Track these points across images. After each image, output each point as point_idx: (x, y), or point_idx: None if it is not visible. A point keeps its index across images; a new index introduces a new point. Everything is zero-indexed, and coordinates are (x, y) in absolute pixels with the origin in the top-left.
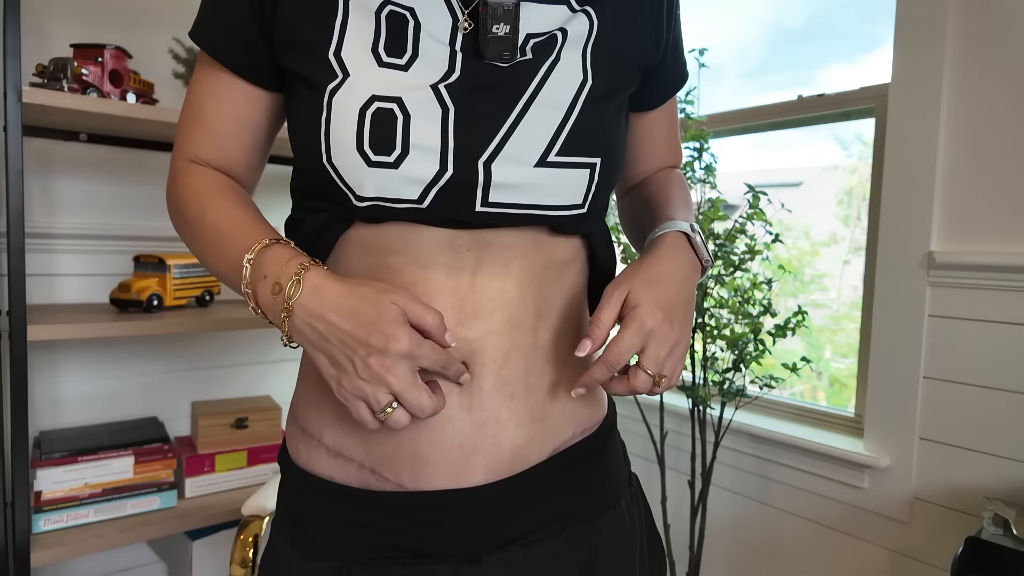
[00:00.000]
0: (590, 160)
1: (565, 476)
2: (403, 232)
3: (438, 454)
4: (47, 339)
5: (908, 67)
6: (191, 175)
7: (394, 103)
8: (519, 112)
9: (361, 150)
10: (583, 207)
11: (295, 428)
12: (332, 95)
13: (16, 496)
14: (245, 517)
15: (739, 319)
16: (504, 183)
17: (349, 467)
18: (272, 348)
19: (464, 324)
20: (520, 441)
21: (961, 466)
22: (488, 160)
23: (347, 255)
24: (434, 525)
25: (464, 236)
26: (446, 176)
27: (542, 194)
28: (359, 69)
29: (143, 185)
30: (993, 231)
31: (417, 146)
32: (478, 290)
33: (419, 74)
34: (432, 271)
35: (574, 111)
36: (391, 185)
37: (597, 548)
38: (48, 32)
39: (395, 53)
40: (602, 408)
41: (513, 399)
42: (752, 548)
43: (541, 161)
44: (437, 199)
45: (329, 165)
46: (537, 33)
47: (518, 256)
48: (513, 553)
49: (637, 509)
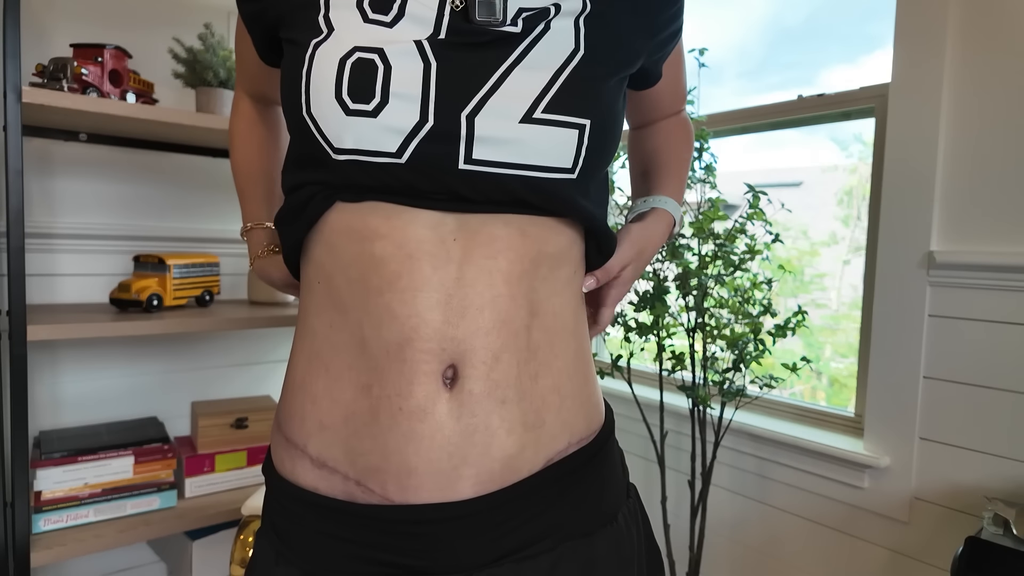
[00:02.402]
0: (579, 120)
1: (560, 489)
2: (387, 213)
3: (425, 464)
4: (47, 339)
5: (908, 67)
6: (237, 108)
7: (375, 54)
8: (504, 71)
9: (340, 98)
10: (573, 172)
11: (279, 437)
12: (315, 48)
13: (16, 496)
14: (245, 517)
15: (739, 319)
16: (488, 137)
17: (334, 479)
18: (272, 348)
19: (451, 322)
20: (511, 450)
21: (961, 466)
22: (471, 114)
23: (332, 243)
24: (422, 540)
25: (450, 222)
26: (427, 127)
27: (528, 153)
28: (344, 24)
29: (143, 185)
30: (993, 231)
31: (397, 95)
32: (466, 284)
33: (404, 30)
34: (418, 262)
35: (562, 75)
36: (369, 135)
37: (593, 564)
38: (48, 32)
39: (380, 10)
40: (599, 416)
41: (505, 405)
42: (752, 548)
43: (527, 117)
44: (418, 153)
45: (308, 117)
46: (529, 8)
47: (505, 248)
48: (504, 569)
49: (635, 523)
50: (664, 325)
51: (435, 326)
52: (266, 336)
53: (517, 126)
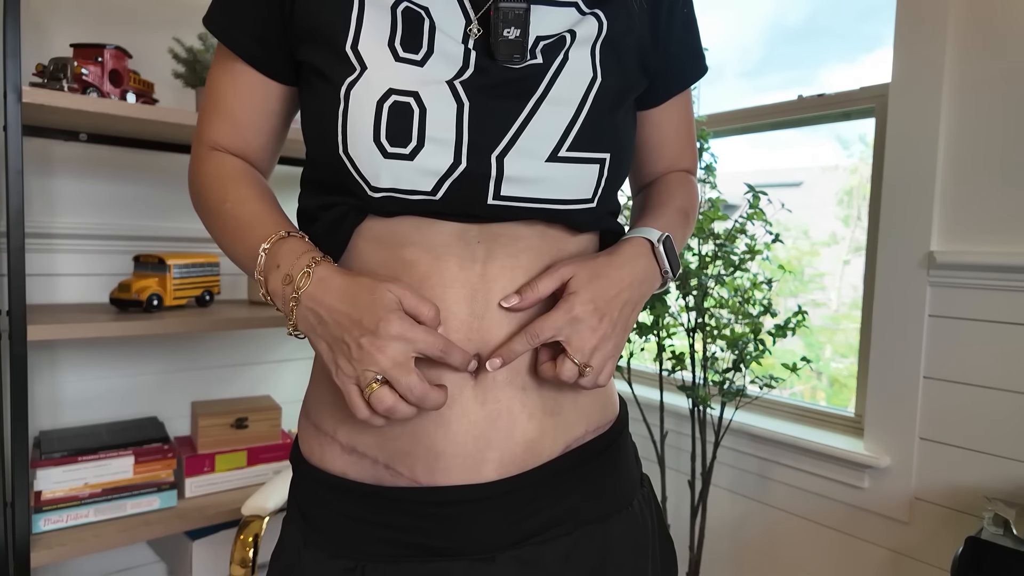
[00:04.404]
0: (600, 156)
1: (578, 475)
2: (417, 225)
3: (452, 447)
4: (47, 339)
5: (908, 67)
6: (212, 162)
7: (411, 97)
8: (531, 108)
9: (378, 142)
10: (592, 202)
11: (308, 425)
12: (350, 88)
13: (16, 496)
14: (245, 517)
15: (739, 319)
16: (516, 177)
17: (363, 463)
18: (272, 348)
19: (476, 315)
20: (533, 434)
21: (961, 466)
22: (501, 154)
23: (360, 249)
24: (448, 522)
25: (474, 229)
26: (460, 169)
27: (552, 188)
28: (376, 63)
29: (143, 185)
30: (993, 231)
31: (432, 139)
32: (490, 280)
33: (435, 70)
34: (445, 262)
35: (584, 107)
36: (406, 176)
37: (609, 549)
38: (48, 32)
39: (411, 49)
40: (613, 407)
41: (526, 391)
42: (752, 548)
43: (552, 156)
44: (450, 191)
45: (345, 156)
46: (547, 35)
47: (526, 248)
48: (524, 551)
49: (650, 511)
50: (664, 325)
51: (462, 318)
52: (266, 336)
53: (543, 165)
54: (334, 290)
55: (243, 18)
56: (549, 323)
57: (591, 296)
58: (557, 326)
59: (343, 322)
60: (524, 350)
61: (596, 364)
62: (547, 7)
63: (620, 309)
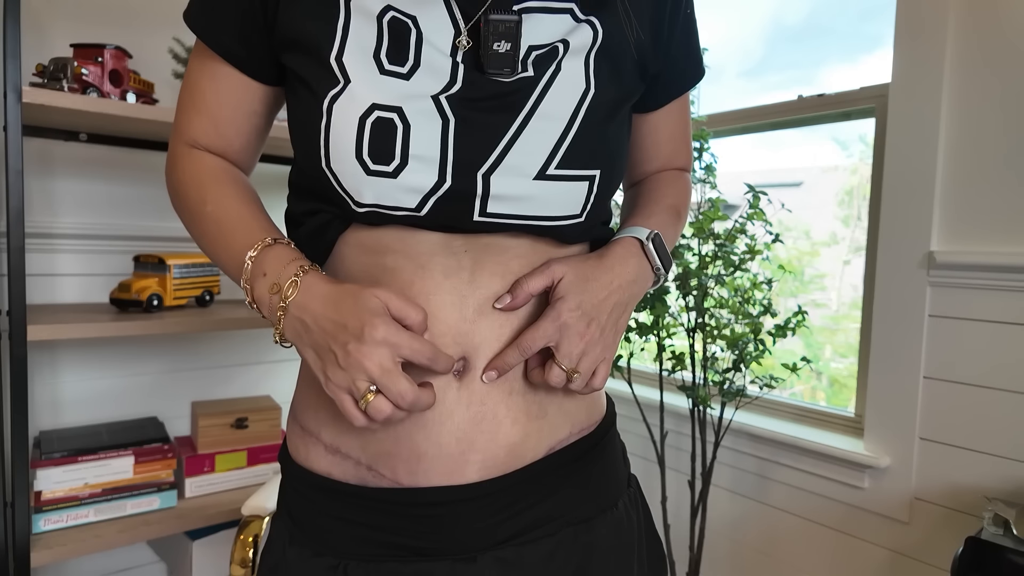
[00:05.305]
0: (589, 173)
1: (561, 475)
2: (401, 235)
3: (435, 449)
4: (47, 339)
5: (908, 67)
6: (191, 160)
7: (394, 112)
8: (520, 123)
9: (360, 159)
10: (581, 217)
11: (295, 426)
12: (333, 102)
13: (16, 496)
14: (245, 517)
15: (739, 319)
16: (502, 195)
17: (346, 464)
18: (272, 348)
19: (466, 318)
20: (516, 438)
21: (961, 466)
22: (487, 172)
23: (344, 255)
24: (430, 522)
25: (459, 239)
26: (444, 187)
27: (540, 206)
28: (360, 76)
29: (143, 185)
30: (993, 231)
31: (416, 156)
32: (479, 287)
33: (420, 83)
34: (428, 270)
35: (576, 121)
36: (389, 194)
37: (593, 550)
38: (48, 32)
39: (397, 61)
40: (600, 408)
41: (511, 395)
42: (752, 548)
43: (540, 174)
44: (435, 208)
45: (328, 170)
46: (539, 45)
47: (515, 256)
48: (507, 552)
49: (636, 511)
50: (664, 325)
51: (450, 323)
52: (266, 336)
53: (531, 183)
54: (319, 296)
55: (224, 15)
56: (539, 333)
57: (579, 302)
58: (547, 335)
59: (328, 328)
60: (517, 362)
61: (584, 369)
62: (540, 15)
63: (609, 313)
